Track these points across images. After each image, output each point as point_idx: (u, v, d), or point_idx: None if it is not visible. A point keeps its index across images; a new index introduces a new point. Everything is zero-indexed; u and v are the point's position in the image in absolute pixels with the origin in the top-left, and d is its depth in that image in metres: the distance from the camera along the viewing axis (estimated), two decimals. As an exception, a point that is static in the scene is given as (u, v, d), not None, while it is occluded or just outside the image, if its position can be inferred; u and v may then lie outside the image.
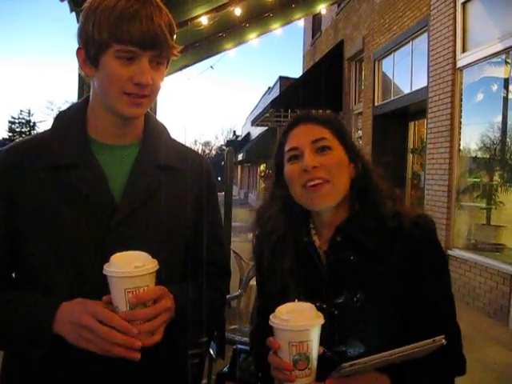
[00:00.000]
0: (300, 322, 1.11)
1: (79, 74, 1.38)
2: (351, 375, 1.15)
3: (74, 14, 3.75)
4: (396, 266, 1.31)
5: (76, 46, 1.27)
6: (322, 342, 1.17)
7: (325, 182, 1.34)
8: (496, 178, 7.19)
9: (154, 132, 1.41)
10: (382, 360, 1.09)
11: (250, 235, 1.55)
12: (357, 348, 1.30)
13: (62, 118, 1.36)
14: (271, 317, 1.15)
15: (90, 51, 1.22)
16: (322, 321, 1.14)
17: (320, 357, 1.16)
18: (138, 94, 1.24)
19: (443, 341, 1.08)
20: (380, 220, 1.35)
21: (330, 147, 1.37)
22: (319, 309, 1.24)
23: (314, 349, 1.12)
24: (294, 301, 1.22)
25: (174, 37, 1.29)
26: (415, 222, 1.35)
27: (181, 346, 1.42)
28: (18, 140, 1.38)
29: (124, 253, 1.13)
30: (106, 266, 1.12)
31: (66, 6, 3.79)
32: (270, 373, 1.21)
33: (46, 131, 1.37)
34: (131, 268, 1.10)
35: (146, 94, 1.26)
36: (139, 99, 1.25)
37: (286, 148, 1.41)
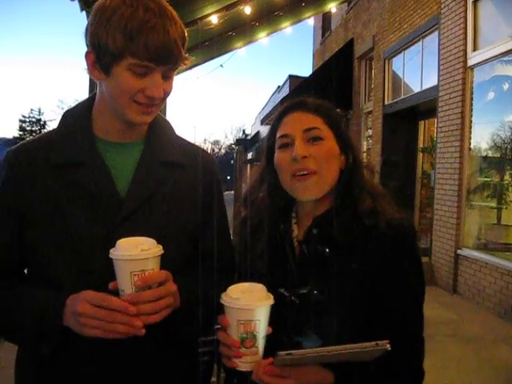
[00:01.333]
0: (249, 301, 1.14)
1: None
2: (293, 365, 1.15)
3: (84, 13, 3.77)
4: (364, 264, 1.29)
5: (85, 45, 1.27)
6: (279, 329, 1.20)
7: (312, 173, 1.33)
8: (507, 177, 7.13)
9: (158, 129, 1.42)
10: (322, 355, 1.09)
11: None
12: (313, 340, 1.29)
13: (68, 117, 1.38)
14: (223, 295, 1.18)
15: (102, 58, 1.22)
16: (270, 302, 1.16)
17: (270, 338, 1.18)
18: (148, 104, 1.26)
19: (387, 346, 1.06)
20: (356, 216, 1.34)
21: (322, 137, 1.36)
22: (282, 296, 1.28)
23: (262, 328, 1.15)
24: (267, 280, 1.25)
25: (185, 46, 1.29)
26: (391, 223, 1.32)
27: (190, 342, 1.44)
28: (25, 140, 1.40)
29: (130, 238, 1.16)
30: (112, 250, 1.15)
31: (76, 5, 3.81)
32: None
33: (52, 130, 1.39)
34: (137, 251, 1.12)
35: (157, 103, 1.28)
36: (150, 108, 1.27)
37: (278, 134, 1.40)
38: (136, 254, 1.12)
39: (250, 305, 1.14)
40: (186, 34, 1.26)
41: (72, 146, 1.30)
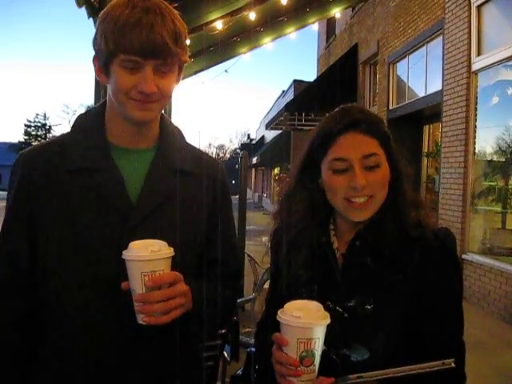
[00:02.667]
0: (309, 320, 1.13)
1: (95, 78, 1.41)
2: None
3: (91, 19, 3.80)
4: (412, 276, 1.29)
5: (91, 50, 1.31)
6: (326, 342, 1.18)
7: (369, 198, 1.31)
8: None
9: (169, 136, 1.43)
10: (389, 376, 1.11)
11: (264, 238, 1.56)
12: (361, 353, 1.28)
13: (81, 122, 1.39)
14: (279, 313, 1.17)
15: (101, 60, 1.27)
16: (329, 320, 1.16)
17: (322, 355, 1.17)
18: (144, 100, 1.27)
19: (452, 364, 1.08)
20: (402, 228, 1.32)
21: (380, 165, 1.32)
22: (328, 309, 1.26)
23: (320, 346, 1.14)
24: (303, 297, 1.24)
25: (187, 42, 1.31)
26: (438, 234, 1.32)
27: (196, 347, 1.44)
28: (37, 143, 1.42)
29: (141, 240, 1.19)
30: (124, 252, 1.17)
31: (84, 11, 3.83)
32: (267, 365, 1.23)
33: (65, 134, 1.40)
34: (148, 252, 1.15)
35: (154, 100, 1.28)
36: (147, 104, 1.28)
37: (332, 156, 1.32)
38: (146, 254, 1.15)
39: (311, 323, 1.12)
40: (181, 30, 1.27)
41: (87, 151, 1.32)
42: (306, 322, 1.12)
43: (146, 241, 1.18)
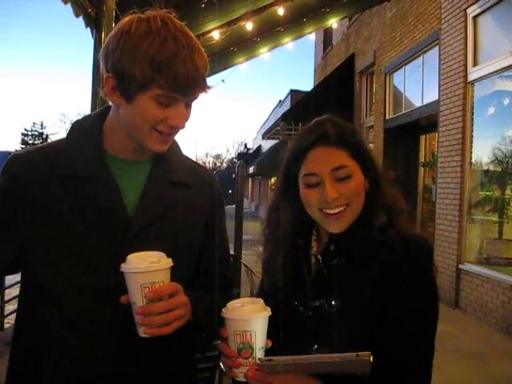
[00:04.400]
0: (244, 312, 1.18)
1: (93, 89, 1.40)
2: (279, 372, 1.16)
3: (88, 29, 3.80)
4: (376, 279, 1.29)
5: (88, 59, 1.28)
6: (293, 342, 1.24)
7: (344, 208, 1.33)
8: (508, 191, 7.13)
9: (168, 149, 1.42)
10: (302, 363, 1.13)
11: (261, 248, 1.56)
12: (323, 354, 1.26)
13: (78, 129, 1.37)
14: (223, 309, 1.21)
15: (125, 86, 1.21)
16: (266, 313, 1.19)
17: (285, 351, 1.19)
18: (169, 133, 1.27)
19: (370, 358, 1.05)
20: (370, 232, 1.34)
21: (351, 175, 1.33)
22: (295, 309, 1.31)
23: (259, 340, 1.18)
24: (279, 296, 1.31)
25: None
26: (405, 239, 1.31)
27: (193, 357, 1.44)
28: (31, 147, 1.39)
29: (139, 252, 1.18)
30: (123, 264, 1.16)
31: (81, 21, 3.83)
32: None
33: (60, 140, 1.37)
34: (147, 263, 1.14)
35: (176, 132, 1.29)
36: (170, 136, 1.29)
37: (303, 171, 1.36)
38: (145, 266, 1.14)
39: (244, 315, 1.17)
40: (207, 61, 1.26)
41: (82, 159, 1.29)
42: (240, 314, 1.18)
43: (145, 252, 1.18)
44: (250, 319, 1.17)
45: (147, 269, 1.14)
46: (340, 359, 1.08)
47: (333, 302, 1.32)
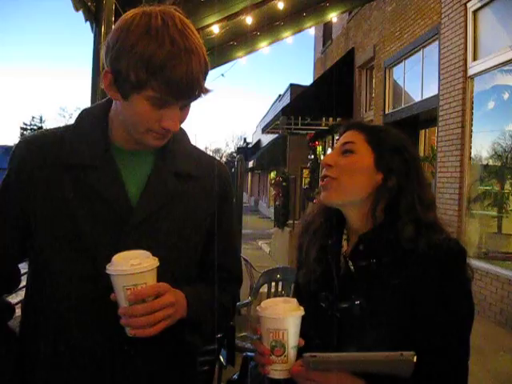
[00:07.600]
0: (277, 311, 1.21)
1: (92, 83, 1.39)
2: (323, 370, 1.17)
3: (88, 23, 3.79)
4: (405, 283, 1.28)
5: (88, 53, 1.28)
6: (324, 343, 1.26)
7: (332, 178, 1.38)
8: (507, 186, 7.14)
9: (173, 139, 1.39)
10: (346, 360, 1.15)
11: (261, 242, 1.58)
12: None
13: (86, 118, 1.36)
14: (257, 307, 1.25)
15: (121, 84, 1.20)
16: (299, 313, 1.22)
17: (315, 351, 1.19)
18: (164, 134, 1.26)
19: (413, 358, 1.06)
20: (397, 235, 1.32)
21: (353, 151, 1.38)
22: (323, 310, 1.32)
23: (291, 339, 1.20)
24: (314, 292, 1.36)
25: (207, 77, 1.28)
26: (433, 244, 1.30)
27: (191, 351, 1.44)
28: (38, 132, 1.38)
29: (125, 252, 1.17)
30: (107, 266, 1.15)
31: (80, 15, 3.82)
32: None
33: (68, 127, 1.37)
34: (127, 266, 1.13)
35: (172, 132, 1.28)
36: (165, 134, 1.28)
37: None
38: (126, 269, 1.13)
39: (277, 314, 1.20)
40: (208, 63, 1.25)
41: (87, 148, 1.29)
42: (273, 313, 1.21)
43: (129, 253, 1.16)
44: (282, 318, 1.20)
45: (128, 271, 1.13)
46: (385, 357, 1.10)
47: (361, 304, 1.32)
